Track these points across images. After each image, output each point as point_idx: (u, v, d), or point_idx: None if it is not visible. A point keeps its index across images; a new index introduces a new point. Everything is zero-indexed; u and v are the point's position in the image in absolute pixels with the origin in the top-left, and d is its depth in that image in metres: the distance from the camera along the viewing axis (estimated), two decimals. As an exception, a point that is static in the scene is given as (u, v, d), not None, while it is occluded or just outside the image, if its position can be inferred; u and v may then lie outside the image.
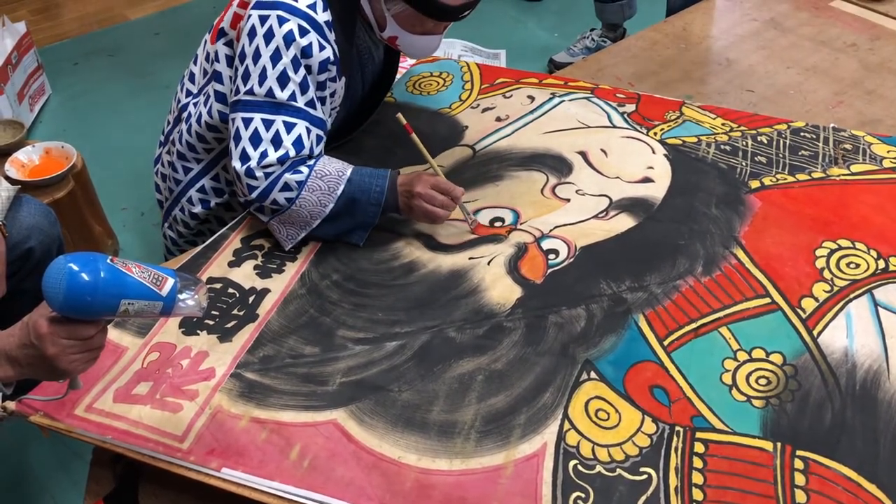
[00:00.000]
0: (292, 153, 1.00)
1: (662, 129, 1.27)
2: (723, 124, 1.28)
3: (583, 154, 1.21)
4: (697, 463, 0.80)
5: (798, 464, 0.80)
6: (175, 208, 1.25)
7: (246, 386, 0.86)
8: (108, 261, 0.70)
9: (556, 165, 1.19)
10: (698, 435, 0.82)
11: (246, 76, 1.02)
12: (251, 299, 0.98)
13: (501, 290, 0.99)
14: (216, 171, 1.19)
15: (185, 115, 1.18)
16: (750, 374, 0.89)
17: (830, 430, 0.83)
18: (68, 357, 0.72)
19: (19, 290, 1.08)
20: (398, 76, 1.50)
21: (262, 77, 1.00)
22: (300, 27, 0.99)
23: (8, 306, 0.99)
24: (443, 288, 1.00)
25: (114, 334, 0.92)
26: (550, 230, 1.07)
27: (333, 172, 1.02)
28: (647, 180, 1.16)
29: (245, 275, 1.01)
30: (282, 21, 0.99)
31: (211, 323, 0.94)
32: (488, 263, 1.03)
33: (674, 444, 0.81)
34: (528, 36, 2.50)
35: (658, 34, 1.61)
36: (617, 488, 0.78)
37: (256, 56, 1.01)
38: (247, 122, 1.01)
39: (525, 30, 2.53)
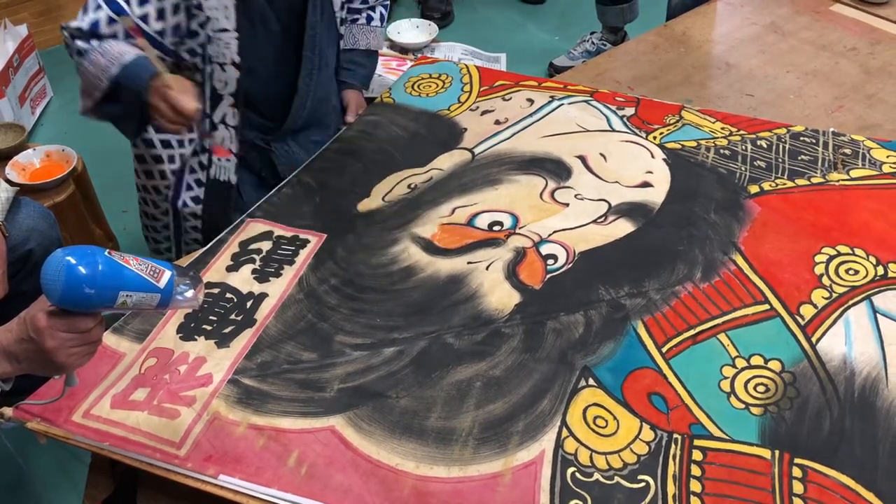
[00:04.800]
0: (85, 27, 1.10)
1: (662, 133, 1.27)
2: (722, 128, 1.28)
3: (582, 158, 1.21)
4: (695, 471, 0.79)
5: (796, 472, 0.79)
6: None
7: (243, 392, 0.86)
8: (106, 253, 0.70)
9: (556, 169, 1.19)
10: (696, 442, 0.82)
11: None
12: (249, 304, 0.98)
13: (500, 296, 0.99)
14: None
15: None
16: (748, 381, 0.88)
17: (829, 437, 0.83)
18: (67, 351, 0.72)
19: (18, 291, 1.09)
20: (396, 78, 1.50)
21: None
22: None
23: (7, 308, 0.99)
24: (441, 293, 0.99)
25: (111, 340, 0.92)
26: (549, 235, 1.07)
27: (114, 52, 1.09)
28: (646, 185, 1.16)
29: (243, 279, 1.01)
30: None
31: (209, 328, 0.94)
32: (487, 268, 1.03)
33: (672, 452, 0.81)
34: (530, 39, 2.50)
35: (658, 38, 1.61)
36: (615, 496, 0.77)
37: None
38: None
39: (526, 33, 2.54)
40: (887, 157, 1.21)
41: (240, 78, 1.19)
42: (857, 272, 1.01)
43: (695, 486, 0.78)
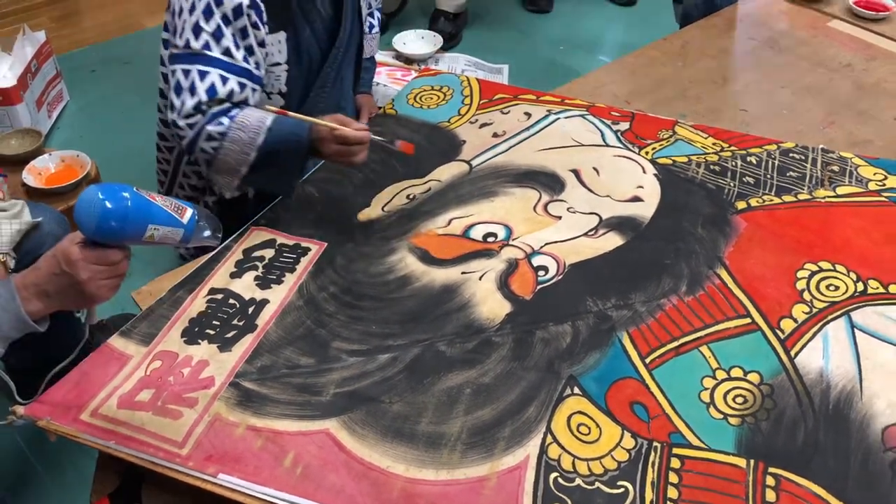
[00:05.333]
0: (204, 99, 1.07)
1: (654, 149, 1.30)
2: (714, 144, 1.31)
3: (576, 172, 1.24)
4: (673, 478, 0.83)
5: (770, 480, 0.82)
6: (174, 187, 1.32)
7: (243, 395, 0.90)
8: (135, 189, 0.77)
9: (550, 183, 1.22)
10: (675, 451, 0.85)
11: (172, 31, 1.10)
12: (251, 310, 1.02)
13: (491, 306, 1.02)
14: None
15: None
16: (727, 392, 0.92)
17: (803, 448, 0.86)
18: (98, 282, 0.79)
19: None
20: (400, 89, 1.54)
21: (182, 30, 1.08)
22: None
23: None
24: (435, 302, 1.03)
25: (119, 343, 0.96)
26: (541, 247, 1.11)
27: (253, 123, 1.08)
28: (636, 199, 1.19)
29: (245, 286, 1.05)
30: None
31: (212, 333, 0.98)
32: (480, 279, 1.06)
33: (651, 460, 0.84)
34: (534, 49, 2.53)
35: (657, 52, 1.64)
36: (595, 501, 0.81)
37: (180, 11, 1.09)
38: (172, 73, 1.10)
39: (531, 43, 2.57)
40: (874, 174, 1.24)
41: (283, 105, 1.25)
42: (837, 288, 1.03)
43: (672, 492, 0.81)
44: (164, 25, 1.21)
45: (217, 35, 1.06)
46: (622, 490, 0.82)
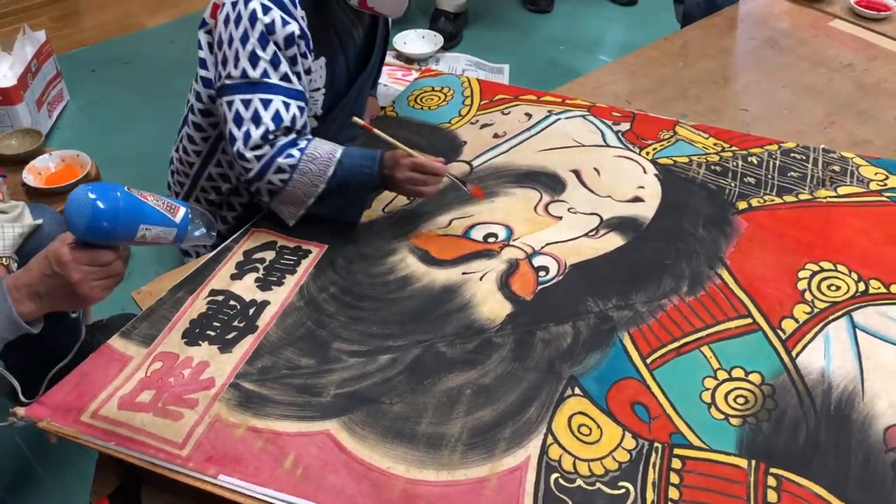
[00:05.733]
0: (272, 127, 1.06)
1: (655, 149, 1.30)
2: (715, 144, 1.31)
3: (576, 173, 1.24)
4: (674, 478, 0.83)
5: (771, 481, 0.82)
6: (190, 200, 1.31)
7: (244, 396, 0.90)
8: (126, 189, 0.75)
9: (550, 183, 1.22)
10: (676, 451, 0.85)
11: (224, 61, 1.09)
12: (251, 311, 1.02)
13: (492, 306, 1.02)
14: (217, 157, 1.26)
15: (186, 108, 1.27)
16: (729, 392, 0.91)
17: (804, 448, 0.86)
18: (90, 283, 0.77)
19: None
20: (401, 88, 1.54)
21: (236, 59, 1.07)
22: (263, 5, 1.05)
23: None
24: (435, 303, 1.03)
25: (119, 343, 0.96)
26: (542, 247, 1.11)
27: (324, 155, 1.07)
28: (637, 200, 1.19)
29: (246, 287, 1.05)
30: (247, 2, 1.06)
31: (212, 334, 0.98)
32: (480, 279, 1.06)
33: (652, 460, 0.84)
34: (535, 49, 2.53)
35: (657, 52, 1.64)
36: (596, 501, 0.81)
37: (230, 41, 1.07)
38: (229, 104, 1.08)
39: (532, 43, 2.57)
40: (875, 174, 1.24)
41: (315, 127, 1.25)
42: (838, 288, 1.03)
43: (673, 493, 0.81)
44: (198, 43, 1.20)
45: (275, 62, 1.06)
46: (623, 491, 0.82)
